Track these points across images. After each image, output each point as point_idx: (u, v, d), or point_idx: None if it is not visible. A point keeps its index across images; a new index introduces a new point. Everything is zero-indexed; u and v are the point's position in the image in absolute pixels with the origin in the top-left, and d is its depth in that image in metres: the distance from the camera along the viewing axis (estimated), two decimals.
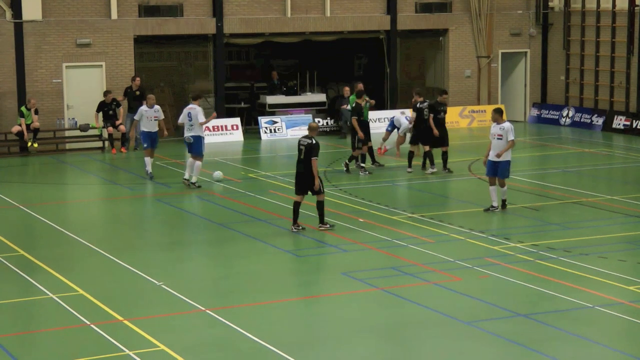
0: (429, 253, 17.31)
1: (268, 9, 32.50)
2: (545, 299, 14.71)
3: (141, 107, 24.71)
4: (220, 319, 13.81)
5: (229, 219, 20.41)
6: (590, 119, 33.90)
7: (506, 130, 20.05)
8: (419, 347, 12.93)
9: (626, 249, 17.79)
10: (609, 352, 12.69)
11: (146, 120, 24.38)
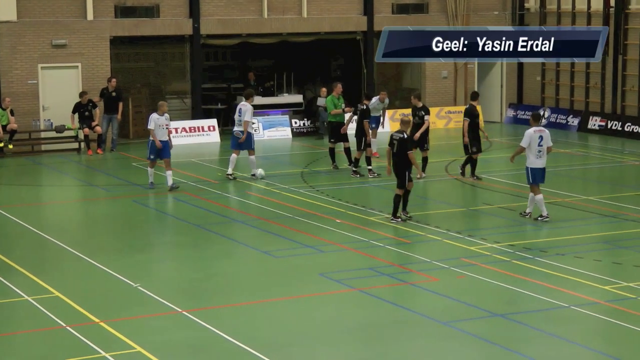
0: (406, 254, 17.33)
1: (245, 9, 32.44)
2: (521, 299, 14.75)
3: (152, 115, 23.21)
4: (196, 320, 13.77)
5: (206, 220, 20.36)
6: (566, 119, 34.05)
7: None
8: (396, 348, 12.92)
9: (602, 248, 17.87)
10: (584, 352, 12.74)
11: (157, 128, 23.08)
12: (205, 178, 24.81)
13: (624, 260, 16.92)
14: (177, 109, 33.61)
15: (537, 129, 19.51)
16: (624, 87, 32.57)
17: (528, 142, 19.39)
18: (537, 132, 19.43)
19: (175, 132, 31.13)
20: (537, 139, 19.38)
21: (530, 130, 19.48)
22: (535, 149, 19.41)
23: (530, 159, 19.50)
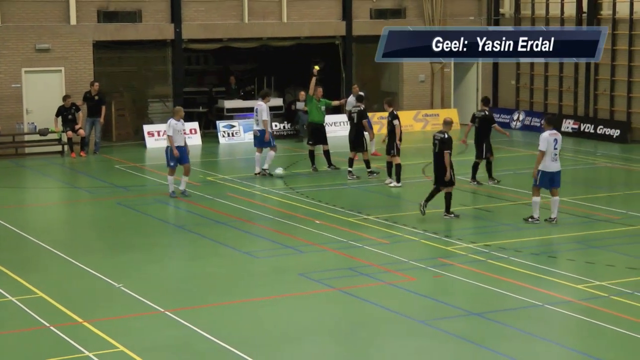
0: (384, 254, 17.34)
1: (226, 14, 32.41)
2: (497, 298, 14.79)
3: (170, 121, 22.34)
4: (179, 320, 13.74)
5: (188, 221, 20.33)
6: (540, 122, 34.13)
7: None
8: (375, 346, 12.94)
9: (575, 248, 17.94)
10: (558, 349, 12.79)
11: (176, 134, 22.30)
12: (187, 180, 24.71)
13: (596, 259, 16.99)
14: (159, 112, 33.56)
15: (552, 132, 19.27)
16: (596, 91, 32.73)
17: (545, 145, 19.12)
18: (552, 136, 19.19)
19: (157, 135, 31.12)
20: (553, 142, 19.16)
21: (545, 134, 19.22)
22: (551, 152, 19.16)
23: (545, 162, 19.20)
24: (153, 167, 27.20)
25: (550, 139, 19.16)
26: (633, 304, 14.36)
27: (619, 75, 31.99)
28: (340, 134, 32.12)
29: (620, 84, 31.94)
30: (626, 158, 27.76)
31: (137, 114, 32.89)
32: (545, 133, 19.26)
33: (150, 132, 31.14)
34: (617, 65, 32.01)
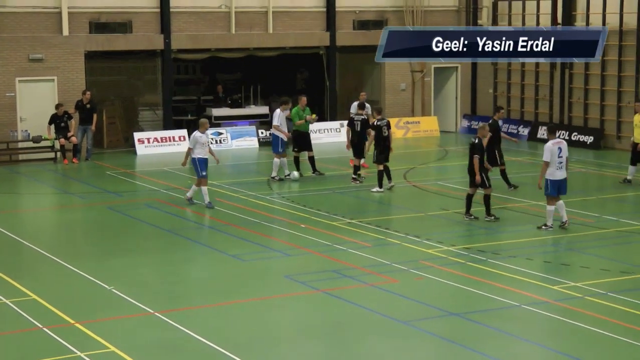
0: (367, 257, 17.34)
1: (214, 25, 32.40)
2: (476, 299, 14.81)
3: (195, 134, 21.79)
4: (168, 321, 13.71)
5: (177, 225, 20.28)
6: (517, 129, 34.24)
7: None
8: (359, 346, 12.94)
9: (551, 251, 17.99)
10: (535, 348, 12.82)
11: (200, 146, 21.74)
12: (176, 186, 24.71)
13: (571, 261, 17.04)
14: (149, 120, 33.53)
15: (555, 142, 19.03)
16: (570, 99, 32.83)
17: (549, 155, 18.90)
18: (556, 145, 18.96)
19: (147, 142, 31.08)
20: (557, 150, 18.93)
21: (549, 144, 18.99)
22: (556, 161, 18.90)
23: (550, 170, 18.97)
24: (143, 173, 27.14)
25: (554, 149, 18.90)
26: (606, 304, 14.41)
27: (592, 84, 32.11)
28: (324, 141, 32.15)
29: (593, 92, 32.05)
30: (599, 164, 27.84)
31: (128, 122, 32.82)
32: (549, 143, 19.02)
33: (141, 140, 31.08)
34: (590, 74, 32.12)
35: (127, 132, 32.08)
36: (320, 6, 33.88)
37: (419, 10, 35.04)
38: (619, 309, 14.13)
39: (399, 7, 35.00)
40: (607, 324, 13.45)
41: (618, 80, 31.12)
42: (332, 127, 33.73)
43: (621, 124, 30.65)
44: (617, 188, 23.64)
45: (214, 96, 34.35)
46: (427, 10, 35.35)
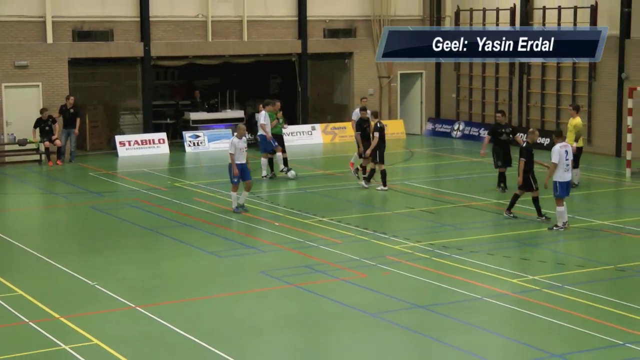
0: (338, 253, 17.35)
1: (191, 34, 32.30)
2: (441, 292, 14.85)
3: (233, 139, 20.79)
4: (149, 315, 13.65)
5: (158, 224, 20.19)
6: (478, 131, 34.36)
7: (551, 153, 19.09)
8: (331, 337, 12.94)
9: (511, 246, 18.06)
10: (496, 338, 12.88)
11: (238, 152, 20.67)
12: (156, 186, 24.62)
13: (530, 256, 17.13)
14: (130, 124, 33.35)
15: (562, 145, 18.84)
16: (528, 103, 32.99)
17: (557, 157, 18.67)
18: (563, 147, 18.78)
19: (128, 145, 30.92)
20: (564, 153, 18.74)
21: (556, 147, 18.78)
22: (563, 163, 18.72)
23: (559, 173, 18.66)
24: (124, 174, 27.01)
25: (561, 151, 18.72)
26: (562, 295, 14.50)
27: (549, 89, 32.29)
28: (296, 143, 32.13)
29: (550, 97, 32.23)
30: None
31: (110, 125, 32.62)
32: (556, 146, 18.80)
33: (122, 142, 30.93)
34: (546, 80, 32.30)
35: (109, 135, 31.90)
36: (292, 15, 33.86)
37: (386, 20, 35.07)
38: (575, 301, 14.22)
39: (367, 16, 35.03)
40: (563, 314, 13.53)
41: (572, 85, 31.32)
42: (304, 130, 33.74)
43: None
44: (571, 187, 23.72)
45: (192, 101, 34.21)
46: (393, 19, 35.40)
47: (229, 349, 12.25)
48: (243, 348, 12.41)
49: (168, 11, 31.88)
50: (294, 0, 33.79)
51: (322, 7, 34.31)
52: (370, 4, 34.94)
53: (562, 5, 31.09)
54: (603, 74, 30.21)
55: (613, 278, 15.71)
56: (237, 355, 12.01)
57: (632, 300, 14.28)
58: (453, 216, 20.75)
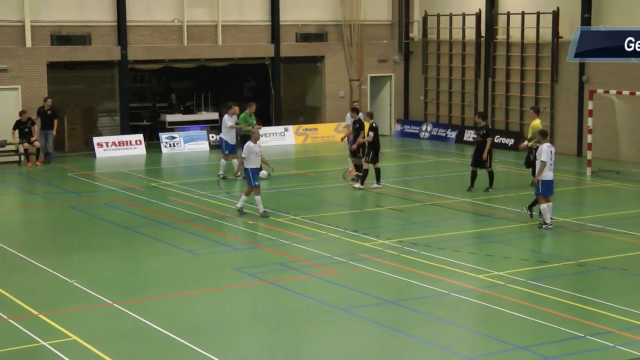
0: (310, 250, 17.34)
1: (167, 38, 32.17)
2: (409, 288, 14.88)
3: (249, 144, 20.20)
4: (126, 311, 13.58)
5: (135, 223, 20.09)
6: (445, 132, 34.50)
7: (539, 152, 18.91)
8: (304, 332, 12.93)
9: (476, 243, 18.15)
10: (462, 331, 12.92)
11: (254, 156, 20.20)
12: (133, 186, 24.49)
13: (495, 252, 17.20)
14: (107, 126, 33.16)
15: (549, 144, 18.82)
16: (493, 105, 33.15)
17: (547, 156, 18.59)
18: (550, 147, 18.76)
19: (106, 146, 30.75)
20: (550, 153, 18.69)
21: (544, 146, 18.72)
22: (549, 162, 18.76)
23: (545, 171, 18.65)
24: (102, 175, 26.85)
25: (548, 150, 18.69)
26: (526, 290, 14.58)
27: (513, 91, 32.46)
28: (270, 144, 32.08)
29: (513, 99, 32.41)
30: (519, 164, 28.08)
31: (88, 127, 32.41)
32: (544, 145, 18.76)
33: (100, 144, 30.75)
34: (511, 82, 32.47)
35: (87, 137, 31.69)
36: (265, 20, 33.83)
37: (356, 24, 35.13)
38: (538, 295, 14.30)
39: (338, 21, 35.05)
40: (527, 308, 13.61)
41: (535, 88, 31.51)
42: (277, 132, 33.71)
43: None
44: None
45: (168, 103, 34.10)
46: (363, 24, 35.46)
47: (205, 344, 12.21)
48: (218, 343, 12.37)
49: (145, 16, 31.74)
50: (267, 6, 33.76)
51: (295, 12, 34.30)
52: (341, 9, 34.96)
53: (526, 11, 31.28)
54: (565, 77, 30.43)
55: (574, 273, 15.82)
56: (212, 350, 11.97)
57: (593, 294, 14.40)
58: (421, 214, 20.80)
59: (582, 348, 12.01)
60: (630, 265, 16.02)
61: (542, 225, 18.90)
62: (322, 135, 34.30)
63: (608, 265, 16.06)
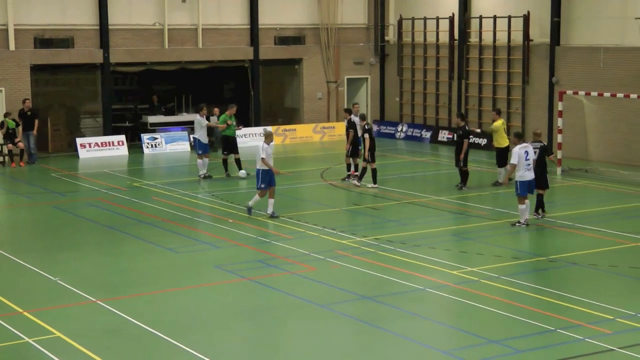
0: (289, 247, 17.34)
1: (149, 41, 32.06)
2: (386, 284, 14.91)
3: (263, 145, 19.64)
4: (109, 308, 13.52)
5: (118, 222, 20.01)
6: (420, 133, 34.59)
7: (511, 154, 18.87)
8: (282, 327, 12.93)
9: (451, 240, 18.20)
10: (437, 326, 12.96)
11: (268, 157, 19.64)
12: (116, 186, 24.39)
13: (468, 249, 17.28)
14: (90, 127, 33.01)
15: (522, 146, 18.66)
16: (466, 105, 33.26)
17: (517, 159, 18.55)
18: (522, 149, 18.62)
19: (88, 147, 30.60)
20: (524, 154, 18.53)
21: (516, 149, 18.65)
22: (523, 163, 18.60)
23: (520, 172, 18.56)
24: (85, 175, 26.71)
25: (520, 152, 18.57)
26: (499, 286, 14.64)
27: (485, 93, 32.59)
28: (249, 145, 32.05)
29: (486, 100, 32.54)
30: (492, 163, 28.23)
31: (71, 129, 32.25)
32: (516, 147, 18.70)
33: (83, 144, 30.61)
34: (483, 84, 32.61)
35: (70, 138, 31.53)
36: (244, 24, 33.79)
37: (332, 28, 35.16)
38: (510, 290, 14.37)
39: (316, 24, 35.07)
40: (500, 303, 13.66)
41: (507, 89, 31.65)
42: (256, 132, 33.64)
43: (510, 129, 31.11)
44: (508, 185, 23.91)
45: (150, 105, 33.99)
46: (340, 27, 35.50)
47: (187, 340, 12.17)
48: (199, 339, 12.34)
49: (126, 20, 31.62)
50: (246, 9, 33.73)
51: (273, 15, 34.28)
52: (318, 12, 34.98)
53: (497, 15, 31.41)
54: (535, 79, 30.59)
55: (545, 269, 15.91)
56: (194, 345, 11.94)
57: (563, 289, 14.49)
58: (397, 212, 20.84)
59: (553, 341, 12.08)
60: (598, 261, 16.14)
61: (515, 223, 18.93)
62: (300, 136, 34.30)
63: (577, 261, 16.17)
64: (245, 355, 11.93)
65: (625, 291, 14.51)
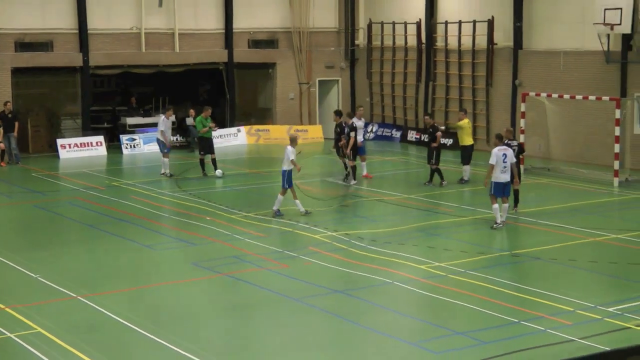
0: (263, 245, 17.33)
1: (127, 45, 31.91)
2: (356, 278, 14.95)
3: (289, 148, 19.56)
4: (89, 304, 13.46)
5: (97, 220, 19.90)
6: (391, 132, 34.68)
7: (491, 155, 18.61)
8: (259, 321, 12.93)
9: (419, 236, 18.26)
10: (405, 319, 13.03)
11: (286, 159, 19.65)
12: (95, 185, 24.25)
13: (436, 245, 17.35)
14: (70, 128, 32.77)
15: (500, 148, 18.52)
16: (433, 107, 33.36)
17: (495, 159, 18.39)
18: (501, 151, 18.45)
19: (68, 147, 30.40)
20: (502, 156, 18.34)
21: (495, 150, 18.48)
22: (500, 165, 18.34)
23: (495, 173, 18.36)
24: (65, 175, 26.54)
25: (499, 154, 18.42)
26: (465, 280, 14.73)
27: (452, 94, 32.74)
28: (224, 145, 32.00)
29: (453, 101, 32.68)
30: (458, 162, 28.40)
31: (51, 130, 31.99)
32: (495, 149, 18.55)
33: (63, 145, 30.40)
34: (450, 86, 32.75)
35: (50, 139, 31.29)
36: (219, 28, 33.73)
37: (304, 32, 35.16)
38: (476, 284, 14.46)
39: (288, 28, 35.06)
40: (466, 297, 13.75)
41: (472, 91, 31.82)
42: (231, 133, 33.61)
43: (476, 129, 31.35)
44: (473, 182, 24.08)
45: (128, 106, 33.81)
46: (311, 31, 35.50)
47: (165, 334, 12.15)
48: (177, 333, 12.31)
49: (105, 24, 31.46)
50: (221, 14, 33.67)
51: (247, 19, 34.23)
52: (291, 16, 34.97)
53: (462, 20, 31.56)
54: (499, 81, 30.78)
55: (509, 263, 16.03)
56: (171, 339, 11.92)
57: (526, 283, 14.61)
58: (368, 210, 20.90)
59: (516, 332, 12.18)
60: (559, 255, 16.28)
61: (493, 225, 18.60)
62: (274, 136, 34.26)
63: (540, 256, 16.30)
64: (223, 348, 11.92)
65: (585, 284, 14.67)
